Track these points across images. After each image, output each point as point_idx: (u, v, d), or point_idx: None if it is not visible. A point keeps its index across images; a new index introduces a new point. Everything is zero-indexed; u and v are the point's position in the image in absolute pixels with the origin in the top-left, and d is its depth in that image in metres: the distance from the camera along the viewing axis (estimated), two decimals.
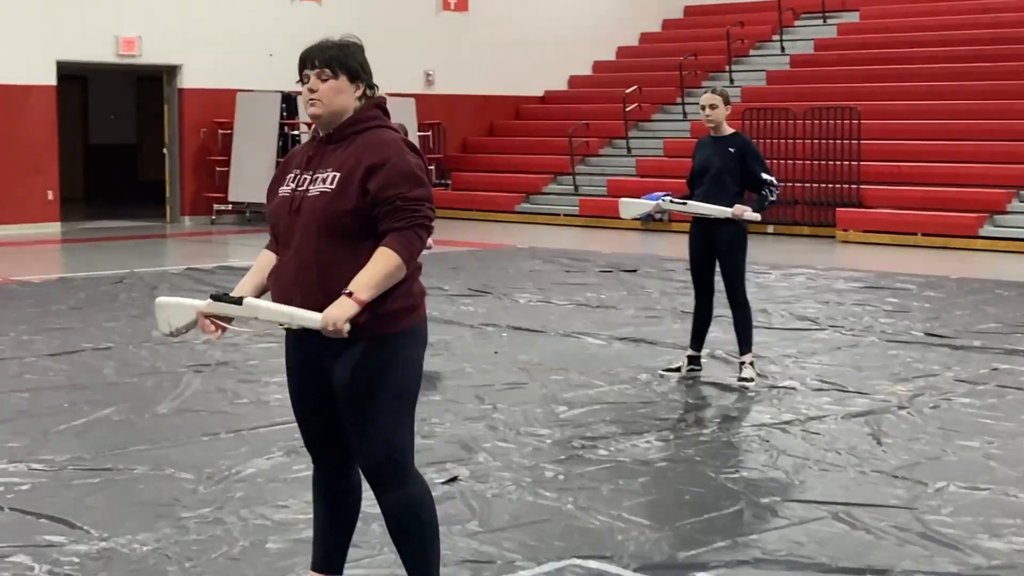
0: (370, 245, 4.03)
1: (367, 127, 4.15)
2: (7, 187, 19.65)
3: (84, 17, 20.25)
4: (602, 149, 24.07)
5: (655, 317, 11.47)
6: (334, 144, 4.16)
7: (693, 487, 6.23)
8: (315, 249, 4.05)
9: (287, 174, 4.23)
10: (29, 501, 5.87)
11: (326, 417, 4.25)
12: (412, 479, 4.22)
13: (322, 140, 4.21)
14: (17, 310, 11.67)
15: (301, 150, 4.30)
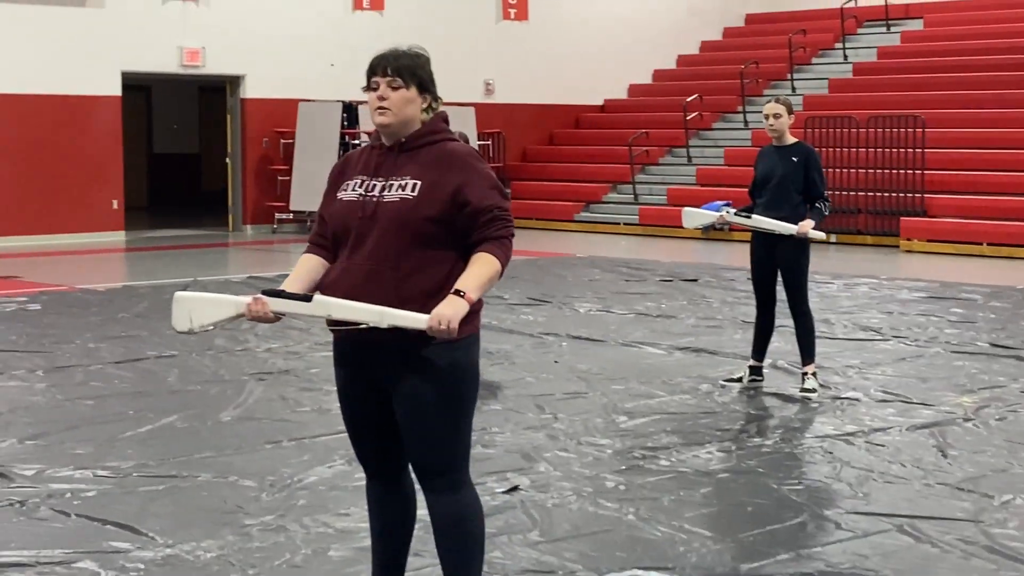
0: (445, 252, 4.05)
1: (439, 139, 4.18)
2: (73, 196, 19.90)
3: (149, 28, 20.48)
4: (662, 158, 24.01)
5: (716, 327, 11.42)
6: (407, 153, 4.16)
7: (755, 498, 6.19)
8: (393, 254, 4.05)
9: (348, 179, 4.22)
10: (95, 508, 5.94)
11: (379, 428, 4.26)
12: (463, 488, 4.23)
13: (389, 148, 4.20)
14: (82, 318, 11.81)
15: (360, 157, 4.29)
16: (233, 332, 11.03)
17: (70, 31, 19.71)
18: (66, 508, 5.93)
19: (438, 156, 4.12)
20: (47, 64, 19.51)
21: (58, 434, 7.35)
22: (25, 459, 6.77)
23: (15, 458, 6.79)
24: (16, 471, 6.52)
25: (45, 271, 15.74)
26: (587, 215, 23.03)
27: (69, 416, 7.85)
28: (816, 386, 8.51)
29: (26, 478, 6.41)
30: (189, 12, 20.95)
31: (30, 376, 9.08)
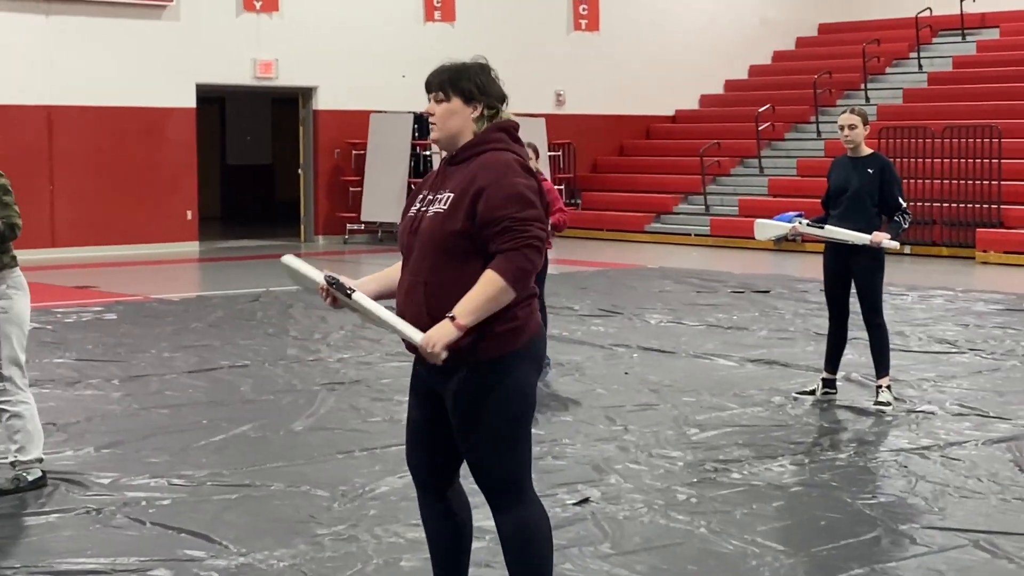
0: (479, 267, 4.02)
1: (485, 149, 4.14)
2: (148, 207, 20.14)
3: (223, 41, 20.71)
4: (733, 168, 23.88)
5: (788, 339, 11.33)
6: (455, 166, 4.18)
7: (829, 512, 6.13)
8: (426, 269, 4.09)
9: (418, 195, 4.29)
10: (170, 516, 6.00)
11: (431, 437, 4.29)
12: (526, 503, 4.20)
13: (445, 161, 4.25)
14: (157, 327, 11.94)
15: (434, 171, 4.36)
16: (304, 342, 11.11)
17: (146, 44, 19.97)
18: (141, 516, 6.00)
19: (475, 167, 4.11)
20: (123, 76, 19.77)
21: (134, 443, 7.44)
22: (101, 467, 6.85)
23: (92, 466, 6.87)
24: (93, 479, 6.60)
25: (121, 281, 15.94)
26: (658, 226, 22.95)
27: (144, 425, 7.93)
28: (890, 399, 8.42)
29: (102, 486, 6.49)
30: (263, 24, 21.16)
31: (106, 385, 9.19)
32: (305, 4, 21.46)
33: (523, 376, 4.14)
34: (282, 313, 12.90)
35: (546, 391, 9.11)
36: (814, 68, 25.13)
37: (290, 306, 13.33)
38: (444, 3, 23.04)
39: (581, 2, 24.88)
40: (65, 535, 5.76)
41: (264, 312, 12.98)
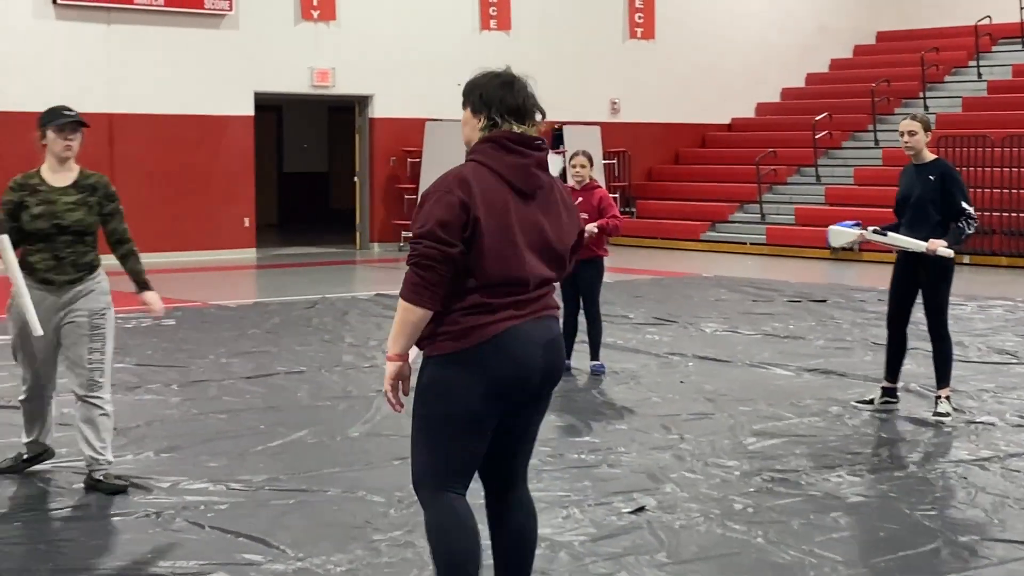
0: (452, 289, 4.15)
1: (467, 160, 4.27)
2: (206, 214, 20.32)
3: (281, 50, 20.86)
4: (790, 177, 23.76)
5: (845, 348, 11.26)
6: None
7: (888, 524, 6.09)
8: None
9: None
10: (228, 520, 6.04)
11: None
12: (428, 506, 4.31)
13: None
14: (215, 333, 12.03)
15: None
16: (360, 349, 11.15)
17: (206, 52, 20.16)
18: (200, 520, 6.05)
19: None
20: (183, 85, 19.97)
21: (192, 447, 7.50)
22: (161, 471, 6.92)
23: (152, 470, 6.94)
24: (153, 483, 6.67)
25: (179, 287, 16.07)
26: (713, 235, 22.87)
27: (203, 430, 8.00)
28: (950, 410, 8.34)
29: (162, 490, 6.56)
30: (320, 33, 21.30)
31: (165, 390, 9.28)
32: (362, 13, 21.58)
33: (450, 379, 4.20)
34: (338, 320, 12.96)
35: (601, 399, 9.11)
36: (872, 76, 24.97)
37: (345, 313, 13.40)
38: (500, 12, 23.09)
39: (637, 10, 24.85)
40: (126, 538, 5.83)
41: (320, 319, 13.05)
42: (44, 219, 6.37)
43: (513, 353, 4.19)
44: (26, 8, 18.73)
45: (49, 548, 5.68)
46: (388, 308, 13.73)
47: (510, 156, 4.24)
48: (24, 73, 18.54)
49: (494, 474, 4.44)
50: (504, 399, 4.24)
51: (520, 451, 4.44)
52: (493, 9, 23.03)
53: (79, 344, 6.45)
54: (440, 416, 4.23)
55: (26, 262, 6.40)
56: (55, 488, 6.56)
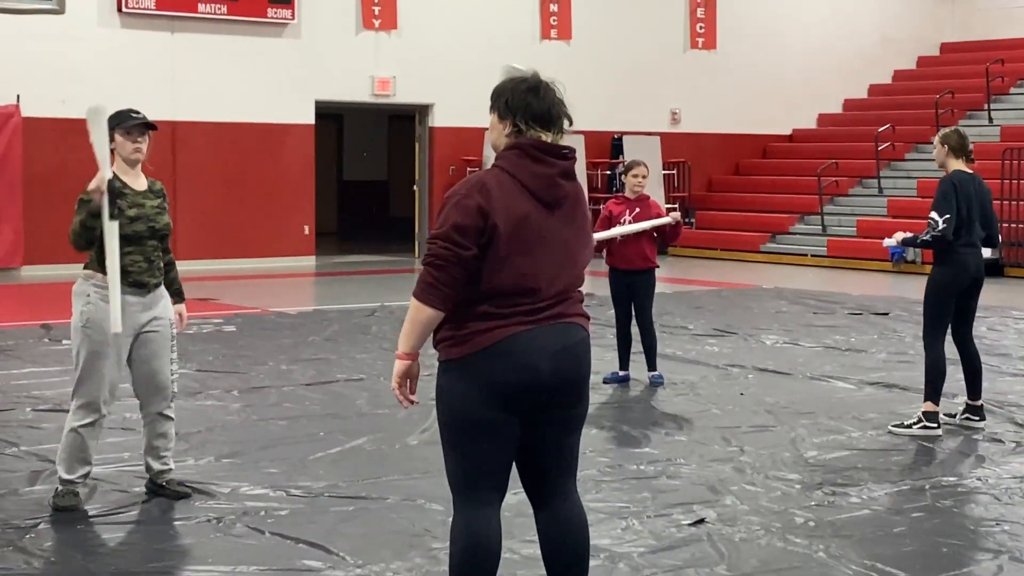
0: (464, 295, 4.18)
1: (492, 166, 4.29)
2: (267, 222, 20.46)
3: (342, 58, 20.98)
4: (852, 188, 23.59)
5: (908, 362, 11.14)
6: None
7: (950, 539, 6.01)
8: None
9: None
10: (288, 526, 6.07)
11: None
12: (458, 511, 4.31)
13: None
14: (275, 340, 12.10)
15: None
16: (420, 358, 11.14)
17: (268, 61, 20.31)
18: (260, 526, 6.08)
19: None
20: (245, 93, 20.13)
21: (252, 453, 7.54)
22: (222, 477, 6.96)
23: (213, 475, 6.98)
24: (213, 488, 6.71)
25: (240, 294, 16.20)
26: (773, 246, 22.74)
27: (263, 436, 8.04)
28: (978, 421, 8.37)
29: (223, 495, 6.59)
30: (381, 42, 21.40)
31: (226, 396, 9.34)
32: (423, 22, 21.67)
33: (453, 384, 4.27)
34: (396, 328, 12.90)
35: (659, 410, 9.07)
36: (936, 88, 24.74)
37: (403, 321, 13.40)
38: (560, 21, 23.10)
39: (698, 20, 24.78)
40: (187, 542, 5.87)
41: (379, 326, 13.09)
42: (141, 222, 6.26)
43: (514, 359, 4.16)
44: (91, 16, 18.96)
45: (110, 552, 5.73)
46: None
47: (535, 165, 4.23)
48: (89, 81, 18.75)
49: (532, 488, 4.43)
50: (510, 406, 4.21)
51: (554, 467, 4.37)
52: (554, 19, 23.04)
53: (160, 356, 6.36)
54: (449, 421, 4.29)
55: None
56: (117, 492, 6.61)
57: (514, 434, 4.26)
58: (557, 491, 4.40)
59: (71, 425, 6.26)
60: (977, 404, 8.45)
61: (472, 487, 4.27)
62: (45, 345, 11.54)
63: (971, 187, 8.20)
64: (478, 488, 4.26)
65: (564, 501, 4.40)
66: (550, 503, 4.41)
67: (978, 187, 8.28)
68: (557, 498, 4.40)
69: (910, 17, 27.68)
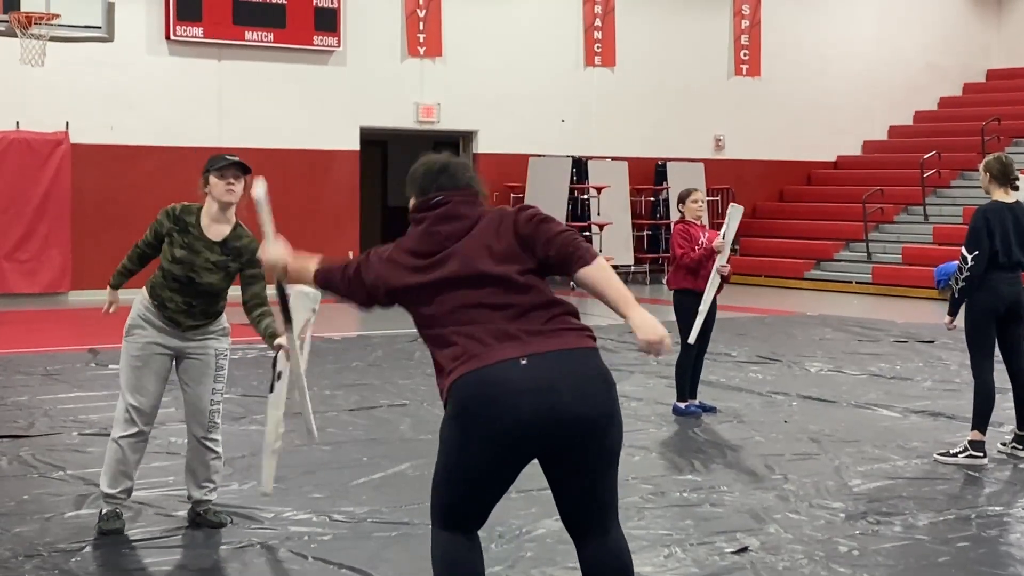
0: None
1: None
2: (312, 246, 20.21)
3: (387, 85, 21.11)
4: (897, 216, 23.47)
5: (953, 390, 11.06)
6: None
7: (996, 569, 5.96)
8: None
9: None
10: (331, 551, 6.09)
11: None
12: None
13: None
14: (319, 365, 12.14)
15: None
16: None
17: (313, 88, 20.47)
18: (304, 551, 6.10)
19: None
20: (291, 119, 20.29)
21: (296, 478, 7.58)
22: (266, 501, 6.98)
23: (256, 500, 7.01)
24: (258, 513, 6.74)
25: None
26: (818, 273, 22.65)
27: (307, 461, 8.08)
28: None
29: (267, 520, 6.63)
30: (426, 69, 21.52)
31: None
32: (467, 49, 21.77)
33: (444, 419, 4.35)
34: None
35: (703, 437, 9.04)
36: (983, 115, 24.60)
37: None
38: (605, 47, 23.15)
39: (743, 47, 24.77)
40: (232, 567, 5.90)
41: (422, 352, 13.10)
42: (181, 267, 6.25)
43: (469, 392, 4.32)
44: (140, 44, 19.17)
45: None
46: None
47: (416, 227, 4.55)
48: (137, 107, 18.97)
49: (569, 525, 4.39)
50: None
51: (585, 508, 4.30)
52: (598, 46, 23.09)
53: (202, 383, 6.39)
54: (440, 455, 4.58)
55: (156, 292, 6.28)
56: (162, 516, 6.66)
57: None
58: (596, 529, 4.33)
59: (112, 436, 6.37)
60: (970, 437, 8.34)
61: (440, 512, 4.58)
62: (92, 370, 11.64)
63: (1007, 215, 8.18)
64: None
65: (607, 536, 4.33)
66: (588, 539, 4.36)
67: (1016, 215, 8.24)
68: (598, 535, 4.33)
69: (956, 43, 27.56)
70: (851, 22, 26.12)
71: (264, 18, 19.83)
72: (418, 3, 21.32)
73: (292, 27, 20.06)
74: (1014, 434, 8.48)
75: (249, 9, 19.70)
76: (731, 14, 24.73)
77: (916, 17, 27.02)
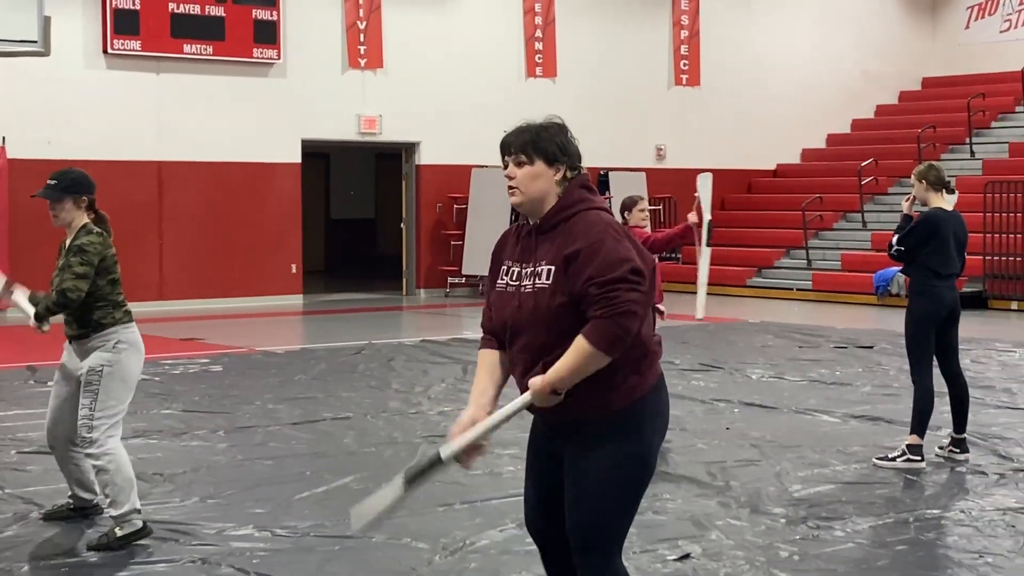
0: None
1: (575, 212, 4.02)
2: (254, 261, 20.47)
3: (328, 98, 21.06)
4: (836, 223, 23.70)
5: (892, 395, 11.18)
6: (545, 234, 4.05)
7: (934, 572, 6.04)
8: (540, 348, 3.97)
9: (501, 265, 4.18)
10: (273, 567, 6.07)
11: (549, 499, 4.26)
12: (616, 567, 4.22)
13: (533, 229, 4.11)
14: (262, 379, 12.10)
15: (511, 238, 4.22)
16: (406, 395, 11.19)
17: (254, 101, 20.37)
18: (246, 566, 6.07)
19: (569, 231, 3.99)
20: (231, 132, 20.18)
21: (238, 493, 7.54)
22: (208, 517, 6.96)
23: (198, 516, 6.98)
24: (199, 529, 6.71)
25: (226, 333, 16.19)
26: (759, 280, 22.82)
27: (249, 476, 8.04)
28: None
29: (208, 536, 6.59)
30: (367, 81, 21.49)
31: (212, 436, 9.34)
32: (409, 61, 21.77)
33: (647, 431, 4.19)
34: (384, 366, 13.01)
35: None
36: (918, 122, 24.90)
37: (391, 359, 13.44)
38: (546, 59, 23.22)
39: (682, 57, 24.93)
40: None
41: (366, 365, 13.10)
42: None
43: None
44: (77, 57, 19.02)
45: None
46: (434, 354, 13.77)
47: (601, 199, 4.19)
48: (75, 122, 18.80)
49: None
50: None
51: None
52: (539, 56, 23.17)
53: (76, 396, 6.54)
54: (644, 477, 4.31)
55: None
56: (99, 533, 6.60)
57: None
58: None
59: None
60: (961, 437, 8.51)
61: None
62: (30, 387, 11.53)
63: (949, 225, 8.31)
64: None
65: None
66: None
67: (956, 224, 8.37)
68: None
69: (892, 52, 27.88)
70: (789, 32, 26.37)
71: (203, 31, 19.72)
72: (358, 15, 21.30)
73: (231, 40, 19.96)
74: (951, 438, 8.59)
75: (187, 22, 19.59)
76: (671, 25, 24.89)
77: (853, 27, 27.32)
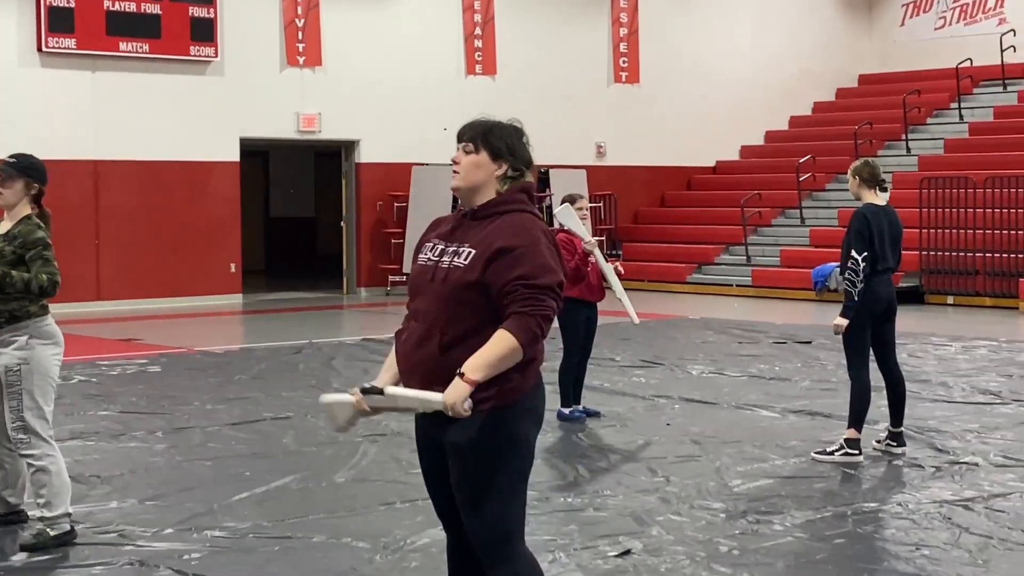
0: (493, 324, 4.09)
1: (508, 209, 4.22)
2: (192, 260, 20.32)
3: (267, 96, 20.92)
4: (775, 219, 23.87)
5: (830, 390, 11.28)
6: (476, 221, 4.24)
7: (872, 564, 6.10)
8: (443, 321, 4.14)
9: (427, 241, 4.34)
10: (212, 568, 6.03)
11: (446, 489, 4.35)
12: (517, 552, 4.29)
13: (466, 215, 4.30)
14: (201, 380, 12.02)
15: (445, 219, 4.40)
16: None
17: (191, 99, 20.20)
18: (184, 569, 6.03)
19: (498, 226, 4.18)
20: (168, 131, 20.00)
21: (176, 495, 7.48)
22: (145, 519, 6.90)
23: (135, 519, 6.92)
24: (137, 531, 6.64)
25: (165, 333, 16.06)
26: (699, 276, 22.94)
27: (187, 477, 7.98)
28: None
29: (146, 538, 6.53)
30: (306, 79, 21.38)
31: (150, 437, 9.26)
32: (347, 59, 21.68)
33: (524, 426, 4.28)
34: (325, 365, 12.96)
35: (587, 442, 9.11)
36: (855, 119, 25.13)
37: (332, 358, 13.39)
38: (485, 57, 23.22)
39: (621, 55, 25.01)
40: None
41: (307, 364, 13.04)
42: None
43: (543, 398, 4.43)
44: (11, 56, 18.78)
45: None
46: (375, 353, 13.73)
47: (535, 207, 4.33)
48: (9, 121, 18.56)
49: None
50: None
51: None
52: (478, 54, 23.16)
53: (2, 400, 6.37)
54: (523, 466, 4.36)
55: None
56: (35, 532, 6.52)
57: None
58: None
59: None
60: (898, 431, 8.60)
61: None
62: None
63: (883, 219, 8.37)
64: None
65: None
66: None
67: (890, 218, 8.45)
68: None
69: (829, 50, 28.12)
70: (727, 30, 26.52)
71: (139, 29, 19.52)
72: (296, 12, 21.19)
73: (168, 37, 19.77)
74: (888, 431, 8.68)
75: (123, 20, 19.39)
76: (610, 22, 24.95)
77: (790, 24, 27.53)
